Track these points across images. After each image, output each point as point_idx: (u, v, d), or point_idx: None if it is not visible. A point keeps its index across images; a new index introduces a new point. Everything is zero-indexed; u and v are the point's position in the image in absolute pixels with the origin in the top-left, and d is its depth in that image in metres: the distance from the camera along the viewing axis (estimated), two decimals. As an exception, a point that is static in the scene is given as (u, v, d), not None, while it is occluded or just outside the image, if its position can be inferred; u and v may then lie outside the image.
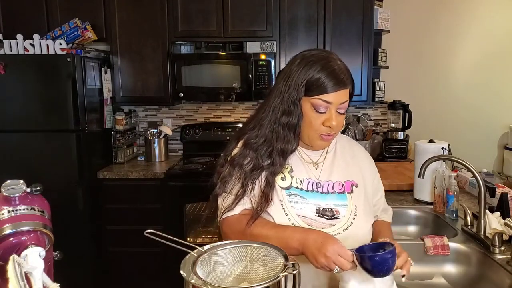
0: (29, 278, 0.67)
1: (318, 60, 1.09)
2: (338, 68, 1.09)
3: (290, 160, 1.17)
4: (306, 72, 1.09)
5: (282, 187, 1.14)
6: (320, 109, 1.09)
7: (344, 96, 1.10)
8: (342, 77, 1.09)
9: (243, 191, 1.12)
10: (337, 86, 1.07)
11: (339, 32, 2.94)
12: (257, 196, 1.12)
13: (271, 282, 0.80)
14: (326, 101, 1.08)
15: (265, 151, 1.14)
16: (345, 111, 1.13)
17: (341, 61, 1.12)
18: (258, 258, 0.93)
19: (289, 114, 1.11)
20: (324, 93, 1.08)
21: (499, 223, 1.43)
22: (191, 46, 3.15)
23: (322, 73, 1.07)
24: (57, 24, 2.85)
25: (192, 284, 0.81)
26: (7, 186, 0.73)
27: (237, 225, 1.10)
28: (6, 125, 2.62)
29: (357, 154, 1.27)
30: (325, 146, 1.19)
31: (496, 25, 3.26)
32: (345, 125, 3.21)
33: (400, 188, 2.19)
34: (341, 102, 1.09)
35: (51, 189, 1.18)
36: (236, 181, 1.14)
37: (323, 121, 1.10)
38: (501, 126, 3.34)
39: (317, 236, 1.00)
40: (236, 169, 1.14)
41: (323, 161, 1.21)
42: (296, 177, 1.16)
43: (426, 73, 3.34)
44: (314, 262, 0.97)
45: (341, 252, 0.93)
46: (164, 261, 2.81)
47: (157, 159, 3.16)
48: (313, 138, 1.14)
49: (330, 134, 1.12)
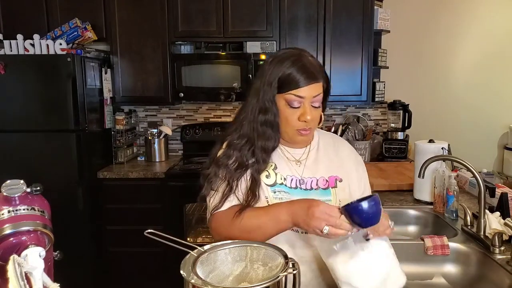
0: (29, 278, 0.67)
1: (289, 57, 1.13)
2: (308, 63, 1.12)
3: (274, 157, 1.20)
4: (277, 69, 1.12)
5: (268, 184, 1.17)
6: (293, 104, 1.12)
7: (316, 89, 1.12)
8: (312, 71, 1.11)
9: (229, 189, 1.15)
10: (308, 80, 1.10)
11: (339, 32, 2.94)
12: (244, 193, 1.15)
13: (271, 282, 0.80)
14: (299, 96, 1.11)
15: (248, 150, 1.16)
16: (320, 104, 1.16)
17: (312, 57, 1.16)
18: (258, 258, 0.93)
19: (265, 112, 1.14)
20: (296, 88, 1.10)
21: (499, 223, 1.43)
22: (191, 46, 3.15)
23: (293, 68, 1.10)
24: (57, 24, 2.85)
25: (192, 284, 0.81)
26: (7, 186, 0.73)
27: (225, 218, 1.13)
28: (6, 125, 2.62)
29: (342, 150, 1.29)
30: (305, 142, 1.22)
31: (496, 25, 3.26)
32: (345, 125, 3.21)
33: (400, 188, 2.19)
34: (313, 96, 1.12)
35: (51, 189, 1.18)
36: (222, 180, 1.16)
37: (299, 116, 1.13)
38: (501, 126, 3.34)
39: (303, 203, 1.03)
40: (221, 169, 1.17)
41: (306, 159, 1.23)
42: (280, 174, 1.19)
43: (426, 73, 3.34)
44: (306, 226, 0.99)
45: (329, 210, 0.97)
46: (164, 261, 2.81)
47: (157, 159, 3.16)
48: (292, 134, 1.17)
49: (307, 128, 1.15)
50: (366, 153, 3.05)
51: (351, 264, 0.99)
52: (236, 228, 1.09)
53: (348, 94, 3.02)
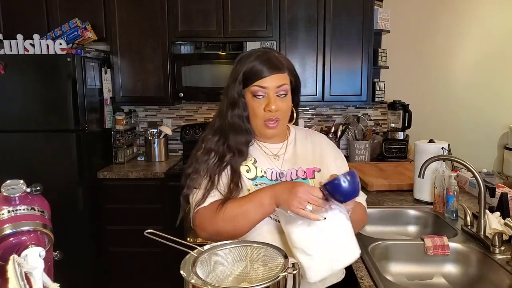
0: (29, 278, 0.67)
1: (254, 53, 1.19)
2: (273, 57, 1.17)
3: (253, 152, 1.24)
4: (243, 65, 1.18)
5: (249, 178, 1.20)
6: (258, 95, 1.16)
7: (280, 79, 1.16)
8: (275, 63, 1.16)
9: (211, 184, 1.17)
10: (270, 70, 1.14)
11: (339, 32, 2.94)
12: (226, 187, 1.17)
13: (271, 282, 0.80)
14: (262, 86, 1.15)
15: (224, 145, 1.20)
16: (286, 94, 1.18)
17: (279, 54, 1.21)
18: (258, 258, 0.93)
19: (234, 105, 1.19)
20: (259, 79, 1.15)
21: (499, 223, 1.43)
22: (191, 46, 3.15)
23: (256, 61, 1.16)
24: (57, 24, 2.85)
25: (192, 284, 0.81)
26: (7, 186, 0.73)
27: (209, 212, 1.14)
28: (6, 125, 2.62)
29: (318, 142, 1.33)
30: (274, 135, 1.24)
31: (496, 25, 3.25)
32: (345, 125, 3.21)
33: (400, 188, 2.19)
34: (277, 86, 1.16)
35: (51, 189, 1.18)
36: (203, 176, 1.18)
37: (264, 107, 1.16)
38: (501, 126, 3.34)
39: (285, 184, 1.09)
40: (201, 165, 1.19)
41: (283, 153, 1.27)
42: (260, 167, 1.22)
43: (426, 73, 3.34)
44: (288, 206, 1.02)
45: (310, 190, 1.01)
46: (164, 261, 2.81)
47: (157, 159, 3.15)
48: (260, 127, 1.20)
49: (273, 119, 1.18)
50: (366, 153, 3.05)
51: (307, 232, 1.01)
52: (220, 219, 1.11)
53: (348, 94, 3.02)
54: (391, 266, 1.47)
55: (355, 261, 1.10)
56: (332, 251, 1.02)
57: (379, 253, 1.45)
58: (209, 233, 1.15)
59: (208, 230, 1.14)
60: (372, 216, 1.86)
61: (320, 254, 1.01)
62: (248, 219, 1.10)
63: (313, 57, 2.97)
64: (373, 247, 1.44)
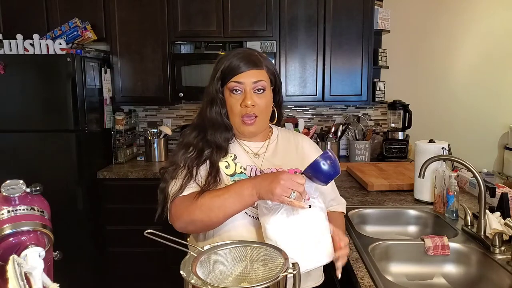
0: (29, 278, 0.67)
1: (233, 51, 1.21)
2: (250, 53, 1.19)
3: (233, 149, 1.25)
4: (221, 62, 1.20)
5: (227, 174, 1.20)
6: (235, 88, 1.17)
7: (256, 75, 1.17)
8: (252, 59, 1.17)
9: (189, 176, 1.16)
10: (246, 66, 1.15)
11: (339, 32, 2.94)
12: (204, 179, 1.16)
13: (271, 282, 0.80)
14: (238, 82, 1.16)
15: (203, 140, 1.21)
16: (264, 90, 1.18)
17: (260, 53, 1.22)
18: (258, 258, 0.93)
19: (212, 103, 1.21)
20: (235, 75, 1.16)
21: (499, 223, 1.43)
22: (191, 46, 3.15)
23: (232, 58, 1.17)
24: (57, 24, 2.85)
25: (192, 284, 0.81)
26: (7, 186, 0.73)
27: (186, 201, 1.12)
28: (6, 125, 2.62)
29: (302, 145, 1.33)
30: (252, 132, 1.22)
31: (496, 25, 3.25)
32: (345, 125, 3.21)
33: (400, 188, 2.19)
34: (254, 81, 1.16)
35: (51, 189, 1.18)
36: (181, 168, 1.19)
37: (241, 103, 1.17)
38: (501, 126, 3.34)
39: (266, 175, 1.06)
40: (180, 158, 1.20)
41: (264, 152, 1.27)
42: (239, 164, 1.22)
43: (426, 73, 3.34)
44: (271, 195, 0.99)
45: (293, 176, 0.99)
46: (164, 261, 2.81)
47: (157, 159, 3.15)
48: (238, 124, 1.21)
49: (250, 115, 1.18)
50: (366, 153, 3.05)
51: (284, 225, 1.00)
52: (198, 207, 1.08)
53: (348, 94, 3.02)
54: (391, 266, 1.47)
55: (326, 263, 1.05)
56: (306, 249, 1.00)
57: (379, 253, 1.45)
58: (184, 221, 1.12)
59: (183, 218, 1.11)
60: (372, 216, 1.86)
61: (292, 249, 0.96)
62: (224, 210, 1.06)
63: (313, 57, 2.97)
64: (373, 247, 1.44)
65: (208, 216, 1.07)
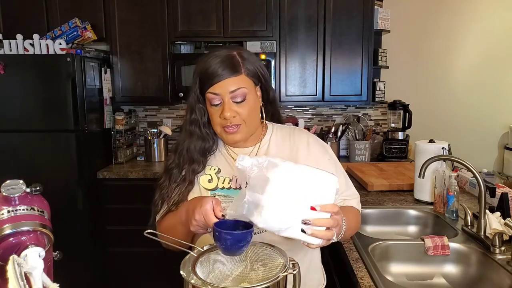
0: (28, 278, 0.67)
1: (211, 54, 1.10)
2: (227, 56, 1.07)
3: (218, 161, 1.17)
4: (200, 66, 1.10)
5: (208, 189, 1.14)
6: (213, 102, 1.08)
7: (234, 83, 1.06)
8: (230, 63, 1.06)
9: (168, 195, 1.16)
10: (222, 75, 1.05)
11: (339, 32, 2.94)
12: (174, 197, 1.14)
13: (271, 282, 0.80)
14: (214, 93, 1.07)
15: (186, 152, 1.15)
16: (244, 98, 1.07)
17: (240, 52, 1.10)
18: (258, 258, 0.93)
19: (192, 111, 1.14)
20: (211, 85, 1.06)
21: (499, 223, 1.43)
22: (191, 46, 3.15)
23: (209, 63, 1.07)
24: (57, 24, 2.85)
25: (192, 284, 0.80)
26: (7, 186, 0.73)
27: (158, 226, 1.14)
28: (6, 125, 2.62)
29: (299, 143, 1.19)
30: (237, 140, 1.12)
31: (496, 25, 3.25)
32: (345, 125, 3.21)
33: (400, 188, 2.19)
34: (231, 91, 1.06)
35: (51, 189, 1.18)
36: (172, 186, 1.16)
37: (220, 114, 1.08)
38: (501, 126, 3.34)
39: (196, 199, 0.99)
40: (167, 175, 1.18)
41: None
42: (223, 177, 1.14)
43: (426, 73, 3.34)
44: (190, 224, 0.95)
45: (207, 214, 0.90)
46: (164, 261, 2.81)
47: (156, 159, 3.15)
48: (220, 132, 1.12)
49: (230, 125, 1.08)
50: (366, 153, 3.04)
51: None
52: (162, 230, 1.09)
53: (348, 94, 3.02)
54: (391, 266, 1.47)
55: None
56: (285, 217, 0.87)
57: (379, 253, 1.45)
58: (165, 244, 1.09)
59: (163, 241, 1.09)
60: (372, 216, 1.86)
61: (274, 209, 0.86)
62: (177, 234, 1.00)
63: (313, 57, 2.97)
64: (373, 247, 1.44)
65: (173, 240, 1.02)
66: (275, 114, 1.25)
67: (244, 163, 0.88)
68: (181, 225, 1.01)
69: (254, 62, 1.11)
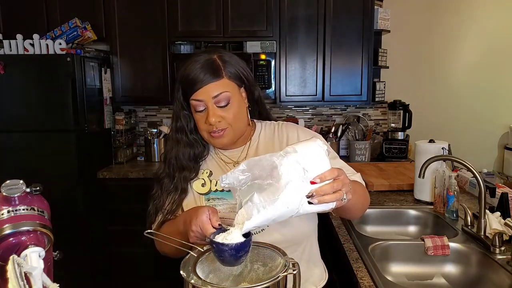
0: (28, 278, 0.67)
1: (192, 59, 1.08)
2: (207, 61, 1.05)
3: (209, 164, 1.17)
4: (178, 75, 1.10)
5: (201, 193, 1.14)
6: (197, 108, 1.07)
7: (216, 88, 1.04)
8: (209, 68, 1.04)
9: (162, 204, 1.15)
10: (202, 81, 1.03)
11: (339, 32, 2.94)
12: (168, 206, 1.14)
13: (271, 282, 0.80)
14: (197, 100, 1.05)
15: (175, 160, 1.14)
16: (228, 102, 1.06)
17: (220, 55, 1.08)
18: (258, 258, 0.93)
19: (177, 119, 1.13)
20: (193, 92, 1.05)
21: (499, 223, 1.43)
22: (191, 46, 3.15)
23: (189, 69, 1.06)
24: (57, 24, 2.84)
25: (192, 284, 0.80)
26: (7, 186, 0.73)
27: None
28: (6, 125, 2.62)
29: (290, 136, 1.17)
30: (225, 143, 1.12)
31: (496, 25, 3.25)
32: (345, 125, 3.21)
33: (400, 188, 2.19)
34: (214, 96, 1.04)
35: (51, 189, 1.18)
36: (164, 195, 1.16)
37: (205, 120, 1.07)
38: (501, 126, 3.34)
39: (192, 210, 0.99)
40: (161, 185, 1.16)
41: (245, 158, 1.15)
42: (215, 180, 1.14)
43: (426, 73, 3.34)
44: (189, 235, 0.94)
45: (204, 227, 0.90)
46: (164, 261, 2.80)
47: (157, 159, 3.15)
48: (207, 137, 1.11)
49: (215, 130, 1.07)
50: (366, 153, 3.05)
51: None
52: (157, 243, 1.09)
53: (348, 94, 3.02)
54: (391, 266, 1.47)
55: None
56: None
57: (379, 253, 1.45)
58: (162, 253, 1.11)
59: (161, 250, 1.10)
60: (372, 216, 1.86)
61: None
62: (175, 245, 0.98)
63: (313, 57, 2.97)
64: (373, 247, 1.44)
65: (169, 250, 1.02)
66: (263, 113, 1.24)
67: (228, 181, 0.88)
68: (179, 235, 1.00)
69: (235, 64, 1.09)
